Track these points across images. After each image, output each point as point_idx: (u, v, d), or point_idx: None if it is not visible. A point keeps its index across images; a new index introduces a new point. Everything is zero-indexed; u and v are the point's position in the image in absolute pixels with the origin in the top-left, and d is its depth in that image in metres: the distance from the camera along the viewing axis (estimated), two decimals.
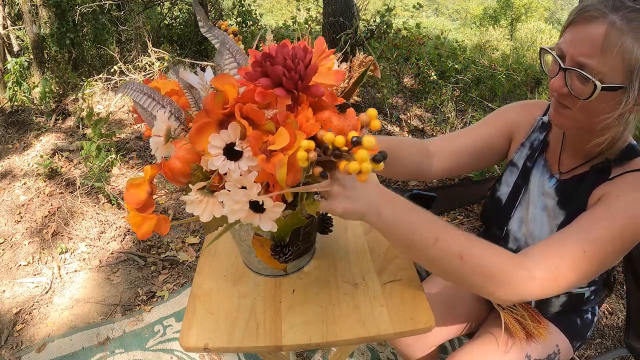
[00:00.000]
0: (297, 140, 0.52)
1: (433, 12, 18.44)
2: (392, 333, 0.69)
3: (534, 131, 0.90)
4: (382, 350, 1.58)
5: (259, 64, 0.53)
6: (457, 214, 2.40)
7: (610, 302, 1.81)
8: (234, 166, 0.52)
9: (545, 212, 0.85)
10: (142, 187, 0.56)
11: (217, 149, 0.52)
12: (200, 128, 0.53)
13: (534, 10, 11.78)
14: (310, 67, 0.53)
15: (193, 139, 0.53)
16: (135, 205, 0.55)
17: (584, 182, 0.78)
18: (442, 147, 0.93)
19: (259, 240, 0.72)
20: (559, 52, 0.69)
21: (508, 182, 0.92)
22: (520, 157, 0.91)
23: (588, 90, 0.65)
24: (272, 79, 0.53)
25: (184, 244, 2.15)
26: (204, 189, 0.55)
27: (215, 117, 0.53)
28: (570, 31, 0.67)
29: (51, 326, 1.70)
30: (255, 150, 0.52)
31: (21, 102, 3.47)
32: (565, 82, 0.68)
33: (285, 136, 0.52)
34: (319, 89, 0.55)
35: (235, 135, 0.52)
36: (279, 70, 0.51)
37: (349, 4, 3.59)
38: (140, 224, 0.55)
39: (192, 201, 0.54)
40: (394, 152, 0.87)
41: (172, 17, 5.57)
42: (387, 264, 0.83)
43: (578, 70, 0.65)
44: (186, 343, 0.68)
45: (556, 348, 0.92)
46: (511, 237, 0.91)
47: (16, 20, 4.31)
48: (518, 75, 4.18)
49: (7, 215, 2.35)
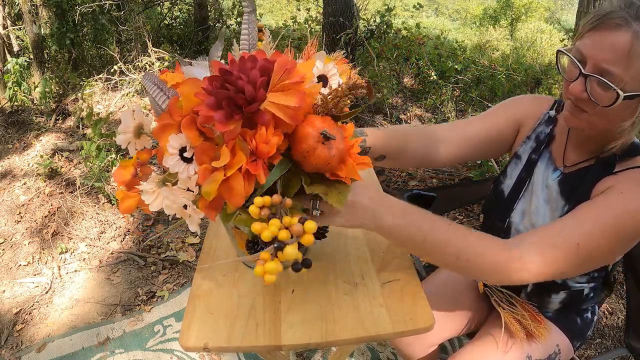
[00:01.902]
0: (238, 161, 0.53)
1: (433, 12, 18.44)
2: (391, 333, 0.69)
3: (540, 124, 0.90)
4: (382, 350, 1.58)
5: (217, 78, 0.53)
6: (457, 214, 2.40)
7: (610, 302, 1.81)
8: (183, 168, 0.55)
9: (549, 204, 0.85)
10: (128, 169, 0.62)
11: (174, 149, 0.56)
12: (163, 127, 0.56)
13: (534, 10, 11.77)
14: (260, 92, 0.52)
15: (157, 135, 0.57)
16: (119, 184, 0.61)
17: (588, 174, 0.78)
18: (451, 135, 0.93)
19: (238, 233, 0.74)
20: (579, 55, 0.68)
21: (512, 175, 0.92)
22: (525, 149, 0.91)
23: (609, 97, 0.65)
24: (217, 100, 0.52)
25: (184, 244, 2.15)
26: (159, 181, 0.59)
27: (176, 119, 0.56)
28: (591, 36, 0.66)
29: (51, 326, 1.71)
30: (199, 160, 0.55)
31: (21, 102, 3.47)
32: (585, 88, 0.68)
33: (226, 155, 0.53)
34: (265, 118, 0.53)
35: (187, 142, 0.56)
36: (222, 94, 0.51)
37: (349, 4, 3.58)
38: (124, 199, 0.61)
39: (146, 190, 0.58)
40: (400, 145, 0.90)
41: (172, 17, 5.58)
42: (386, 264, 0.83)
43: (600, 77, 0.65)
44: (186, 342, 0.68)
45: (557, 348, 0.92)
46: (513, 229, 0.90)
47: (16, 20, 4.31)
48: (518, 75, 4.17)
49: (7, 215, 2.35)
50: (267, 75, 0.53)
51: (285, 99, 0.53)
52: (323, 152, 0.57)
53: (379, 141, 0.87)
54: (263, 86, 0.53)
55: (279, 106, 0.53)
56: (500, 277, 0.68)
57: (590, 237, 0.67)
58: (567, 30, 3.68)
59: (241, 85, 0.51)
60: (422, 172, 2.76)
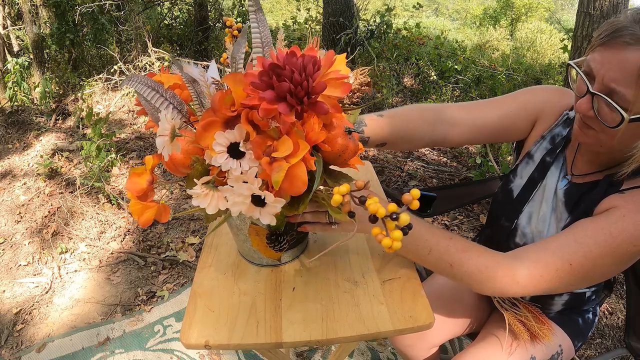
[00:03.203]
0: (300, 149, 0.54)
1: (433, 12, 18.45)
2: (391, 330, 0.69)
3: (557, 125, 0.86)
4: (382, 350, 1.58)
5: (265, 73, 0.52)
6: (457, 214, 2.40)
7: (610, 302, 1.81)
8: (235, 164, 0.54)
9: (555, 213, 0.83)
10: (144, 176, 0.58)
11: (221, 147, 0.54)
12: (207, 125, 0.54)
13: (535, 10, 11.77)
14: (318, 84, 0.53)
15: (199, 136, 0.54)
16: (136, 193, 0.58)
17: (594, 190, 0.76)
18: (462, 119, 0.91)
19: (255, 229, 0.74)
20: (588, 70, 0.67)
21: (522, 175, 0.90)
22: (538, 149, 0.88)
23: (616, 118, 0.64)
24: (277, 93, 0.52)
25: (184, 244, 2.15)
26: (209, 183, 0.57)
27: (221, 116, 0.55)
28: (601, 51, 0.64)
29: (51, 326, 1.70)
30: (257, 154, 0.54)
31: (21, 102, 3.47)
32: (592, 106, 0.66)
33: (288, 145, 0.54)
34: (324, 107, 0.54)
35: (240, 137, 0.54)
36: (284, 86, 0.51)
37: (349, 4, 3.59)
38: (141, 211, 0.58)
39: (197, 194, 0.56)
40: (404, 133, 0.90)
41: (172, 17, 5.58)
42: (386, 262, 0.83)
43: (607, 98, 0.63)
44: (187, 340, 0.68)
45: (559, 348, 0.92)
46: (519, 231, 0.89)
47: (16, 20, 4.31)
48: (518, 75, 4.18)
49: (7, 215, 2.35)
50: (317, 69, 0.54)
51: (333, 90, 0.56)
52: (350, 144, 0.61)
53: (381, 130, 0.87)
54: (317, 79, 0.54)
55: (324, 96, 0.56)
56: (492, 290, 0.71)
57: (586, 258, 0.67)
58: (567, 30, 3.68)
59: (298, 79, 0.51)
60: (422, 172, 2.76)
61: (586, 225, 0.70)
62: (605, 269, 0.70)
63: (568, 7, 15.63)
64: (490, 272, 0.69)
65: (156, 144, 0.56)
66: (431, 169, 2.80)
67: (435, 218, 2.37)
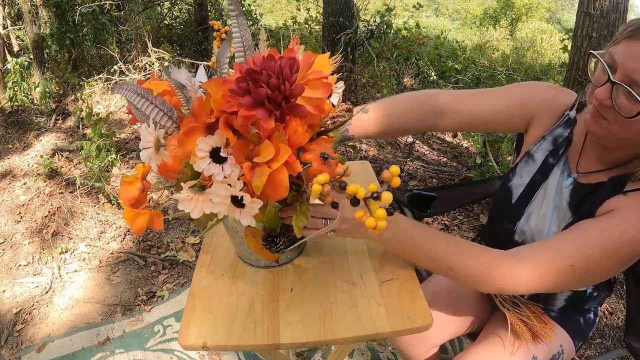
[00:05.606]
0: (281, 154, 0.54)
1: (433, 12, 18.43)
2: (389, 331, 0.69)
3: (558, 126, 0.86)
4: (382, 350, 1.58)
5: (243, 79, 0.52)
6: (457, 214, 2.40)
7: (610, 302, 1.81)
8: (218, 169, 0.55)
9: (557, 211, 0.83)
10: (135, 184, 0.59)
11: (203, 152, 0.54)
12: (188, 131, 0.55)
13: (535, 10, 11.76)
14: (296, 87, 0.52)
15: (181, 141, 0.55)
16: (128, 201, 0.58)
17: (598, 191, 0.76)
18: (455, 107, 0.91)
19: (251, 231, 0.74)
20: (610, 61, 0.67)
21: (522, 174, 0.90)
22: (539, 150, 0.87)
23: (634, 109, 0.64)
24: (254, 99, 0.52)
25: (184, 244, 2.15)
26: (194, 186, 0.57)
27: (202, 121, 0.55)
28: (626, 43, 0.64)
29: (51, 326, 1.71)
30: (239, 159, 0.55)
31: (21, 102, 3.47)
32: (610, 95, 0.66)
33: (270, 150, 0.54)
34: (303, 110, 0.54)
35: (221, 142, 0.55)
36: (261, 92, 0.51)
37: (349, 4, 3.59)
38: (134, 219, 0.58)
39: (183, 199, 0.57)
40: (402, 123, 0.92)
41: (172, 17, 5.58)
42: (384, 263, 0.83)
43: (628, 87, 0.63)
44: (185, 341, 0.68)
45: (560, 348, 0.92)
46: (519, 230, 0.89)
47: (16, 20, 4.32)
48: (518, 75, 4.18)
49: (7, 215, 2.35)
50: (295, 71, 0.54)
51: (312, 92, 0.56)
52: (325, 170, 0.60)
53: (366, 125, 0.89)
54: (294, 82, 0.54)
55: (304, 98, 0.56)
56: (493, 289, 0.72)
57: (587, 260, 0.68)
58: (567, 30, 3.67)
59: (275, 83, 0.51)
60: (422, 172, 2.76)
61: (588, 226, 0.71)
62: (606, 270, 0.70)
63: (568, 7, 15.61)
64: (490, 272, 0.69)
65: (142, 158, 0.57)
66: (431, 169, 2.80)
67: (435, 218, 2.37)
